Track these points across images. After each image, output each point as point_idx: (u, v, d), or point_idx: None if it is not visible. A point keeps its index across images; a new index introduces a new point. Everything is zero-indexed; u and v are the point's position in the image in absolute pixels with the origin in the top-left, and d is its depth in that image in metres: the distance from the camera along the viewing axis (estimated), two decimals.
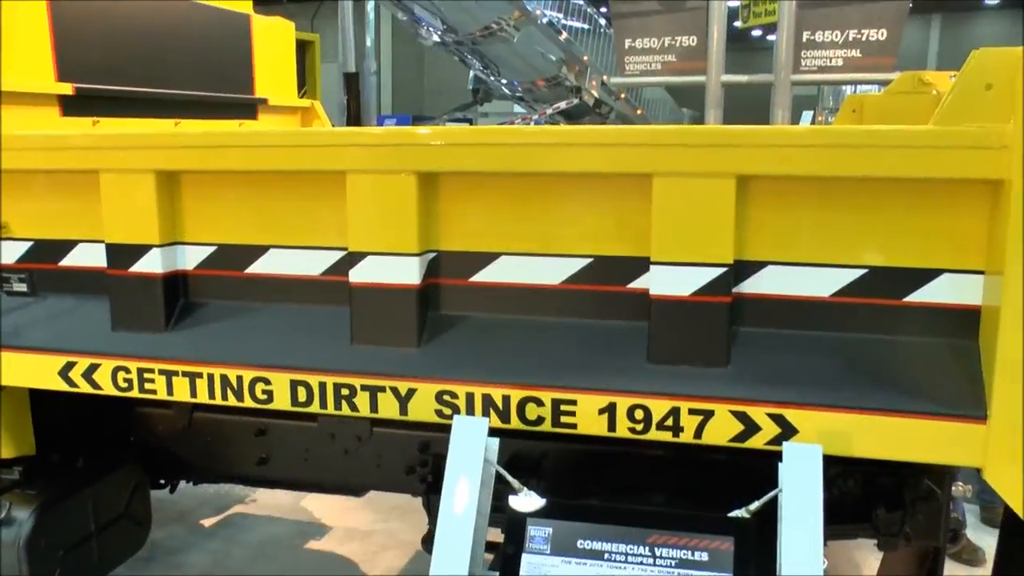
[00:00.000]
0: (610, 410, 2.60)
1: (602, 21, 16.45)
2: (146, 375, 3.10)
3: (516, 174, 2.71)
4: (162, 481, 4.47)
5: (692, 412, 2.55)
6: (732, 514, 2.41)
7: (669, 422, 2.57)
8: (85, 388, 3.19)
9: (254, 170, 2.98)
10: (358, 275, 2.85)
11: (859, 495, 3.10)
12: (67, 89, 3.73)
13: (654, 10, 9.84)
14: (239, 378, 2.96)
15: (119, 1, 4.05)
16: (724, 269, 2.53)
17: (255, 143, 3.02)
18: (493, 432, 2.58)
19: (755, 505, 2.40)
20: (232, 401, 3.00)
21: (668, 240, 2.55)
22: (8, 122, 3.41)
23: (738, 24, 11.43)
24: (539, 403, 2.66)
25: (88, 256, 3.25)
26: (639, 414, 2.59)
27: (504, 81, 16.23)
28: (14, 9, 3.53)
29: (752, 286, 2.60)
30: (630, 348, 2.65)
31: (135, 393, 3.13)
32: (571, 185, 2.71)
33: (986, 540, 5.33)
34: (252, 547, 5.56)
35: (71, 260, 3.30)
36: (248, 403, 2.98)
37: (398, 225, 2.76)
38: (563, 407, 2.64)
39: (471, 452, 2.48)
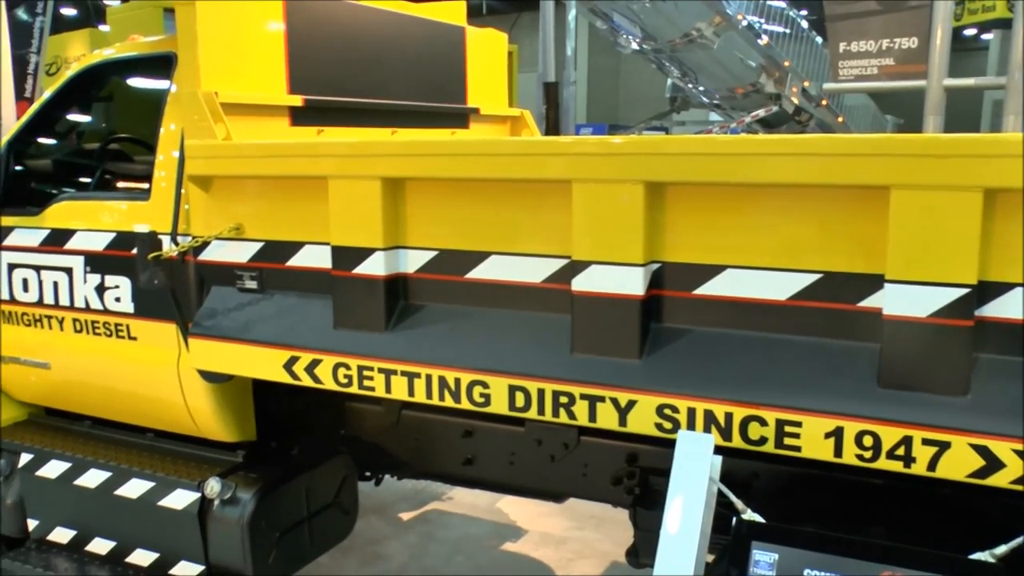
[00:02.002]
0: (837, 434, 2.48)
1: (804, 24, 15.82)
2: (365, 372, 3.23)
3: (744, 185, 2.64)
4: (367, 473, 4.67)
5: (926, 442, 2.40)
6: (973, 556, 2.24)
7: (900, 451, 2.43)
8: (307, 382, 3.36)
9: (479, 178, 3.05)
10: (581, 284, 2.85)
11: None
12: (297, 101, 3.95)
13: (872, 11, 9.29)
14: (457, 380, 3.04)
15: (344, 16, 4.24)
16: (966, 290, 2.36)
17: (482, 152, 3.09)
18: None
19: (1002, 549, 2.23)
20: (448, 402, 3.07)
21: (905, 257, 2.41)
22: (246, 132, 3.65)
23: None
24: (763, 423, 2.58)
25: (313, 257, 3.42)
26: (868, 440, 2.45)
27: (702, 88, 15.95)
28: (260, 32, 3.79)
29: (996, 309, 2.40)
30: (860, 370, 2.52)
31: (354, 389, 3.27)
32: (800, 197, 2.60)
33: None
34: (449, 544, 5.70)
35: (297, 260, 3.48)
36: (465, 405, 3.05)
37: (624, 235, 2.75)
38: (787, 428, 2.55)
39: (696, 469, 2.44)
